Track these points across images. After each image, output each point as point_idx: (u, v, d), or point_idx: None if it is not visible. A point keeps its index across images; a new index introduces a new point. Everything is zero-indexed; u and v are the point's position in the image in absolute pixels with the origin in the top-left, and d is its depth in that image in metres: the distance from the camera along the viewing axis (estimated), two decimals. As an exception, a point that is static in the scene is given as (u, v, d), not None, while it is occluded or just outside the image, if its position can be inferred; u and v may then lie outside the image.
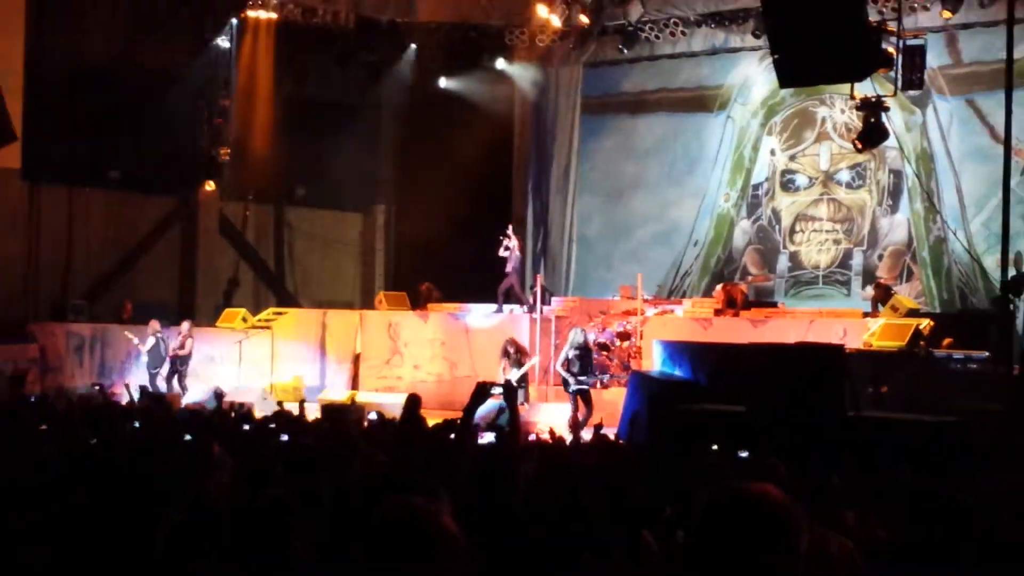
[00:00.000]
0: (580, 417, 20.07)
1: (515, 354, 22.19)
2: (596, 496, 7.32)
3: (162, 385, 24.40)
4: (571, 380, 20.66)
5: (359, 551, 3.54)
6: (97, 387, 22.13)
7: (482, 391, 6.93)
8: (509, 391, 7.56)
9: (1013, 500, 6.66)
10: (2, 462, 7.76)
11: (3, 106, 23.63)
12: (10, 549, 5.15)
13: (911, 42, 20.97)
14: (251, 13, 29.37)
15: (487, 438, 11.38)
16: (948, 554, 5.15)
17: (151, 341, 24.80)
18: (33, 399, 19.14)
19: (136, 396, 19.65)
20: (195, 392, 23.90)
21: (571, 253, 31.05)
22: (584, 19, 29.11)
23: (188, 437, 9.35)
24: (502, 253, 25.45)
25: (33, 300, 27.84)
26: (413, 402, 14.92)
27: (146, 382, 24.10)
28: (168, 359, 24.83)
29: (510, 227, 26.32)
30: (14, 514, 5.47)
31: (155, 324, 24.94)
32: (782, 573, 3.23)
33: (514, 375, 21.85)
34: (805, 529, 3.29)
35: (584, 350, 20.77)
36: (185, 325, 25.11)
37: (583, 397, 20.57)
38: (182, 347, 24.85)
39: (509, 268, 25.41)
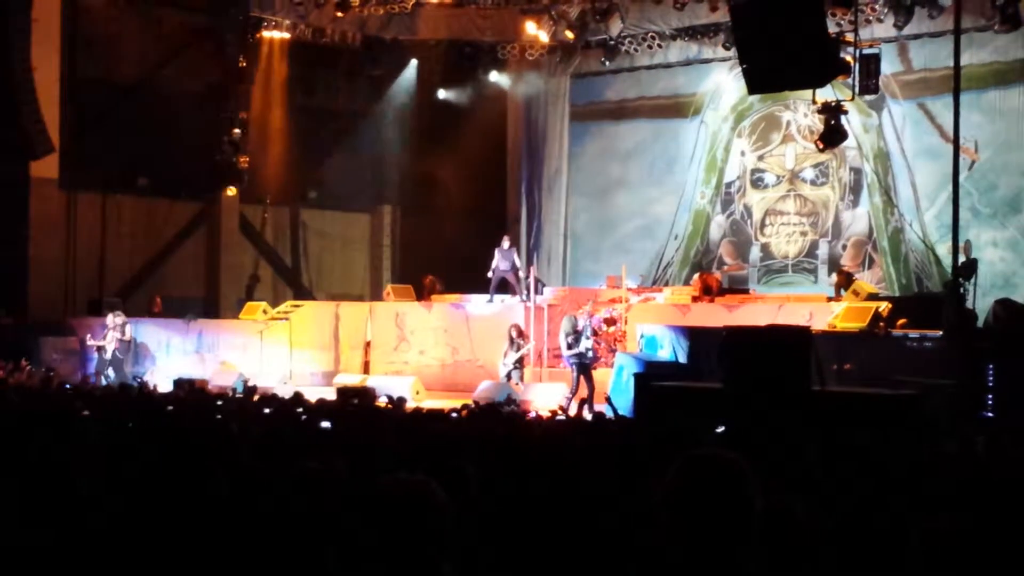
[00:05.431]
0: (584, 395, 20.01)
1: (516, 338, 22.31)
2: (585, 465, 7.43)
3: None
4: (567, 355, 20.76)
5: (364, 522, 3.65)
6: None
7: None
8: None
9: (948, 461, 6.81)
10: (53, 446, 7.84)
11: (41, 120, 23.69)
12: (79, 514, 5.25)
13: (867, 51, 21.11)
14: (266, 34, 29.47)
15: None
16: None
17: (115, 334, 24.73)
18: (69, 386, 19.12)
19: (162, 386, 19.64)
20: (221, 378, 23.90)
21: (566, 248, 31.14)
22: (569, 34, 29.09)
23: (219, 416, 9.48)
24: (497, 257, 25.58)
25: (72, 297, 27.98)
26: None
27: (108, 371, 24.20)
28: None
29: (506, 237, 26.44)
30: (83, 481, 5.56)
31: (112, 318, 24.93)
32: (736, 525, 3.42)
33: (512, 358, 21.99)
34: (758, 491, 3.48)
35: (575, 333, 20.73)
36: (108, 318, 25.07)
37: (584, 375, 20.50)
38: (104, 338, 24.77)
39: (506, 266, 25.49)
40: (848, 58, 20.26)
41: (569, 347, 20.66)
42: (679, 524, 3.44)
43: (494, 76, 31.10)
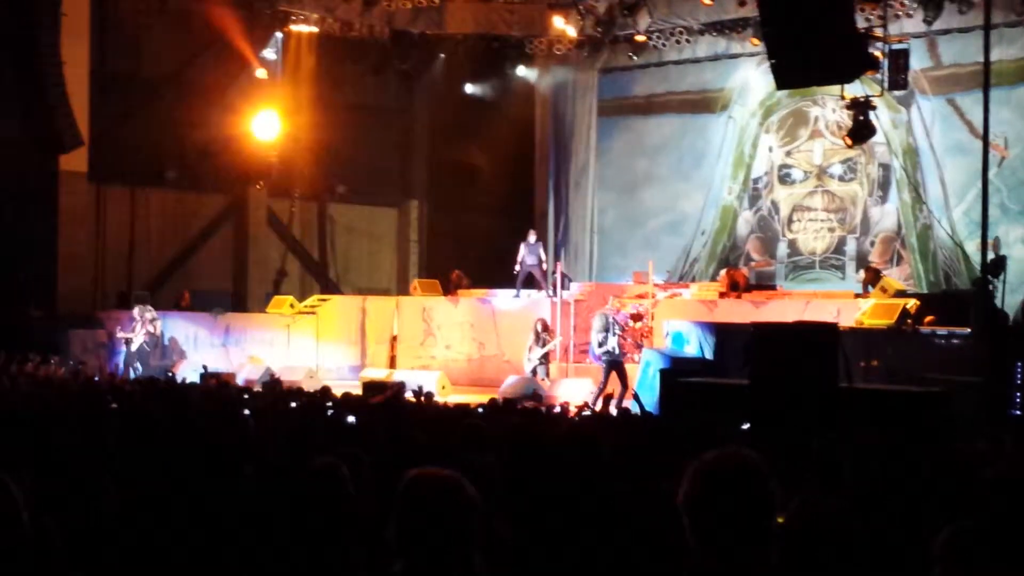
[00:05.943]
0: (615, 393, 19.83)
1: (542, 333, 22.24)
2: (612, 460, 7.41)
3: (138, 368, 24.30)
4: (599, 354, 20.52)
5: (395, 516, 3.65)
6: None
7: None
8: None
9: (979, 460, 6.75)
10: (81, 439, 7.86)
11: (71, 114, 23.75)
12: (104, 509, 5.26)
13: (896, 46, 21.06)
14: (294, 28, 29.52)
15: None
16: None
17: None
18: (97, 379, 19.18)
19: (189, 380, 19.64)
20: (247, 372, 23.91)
21: (593, 243, 31.11)
22: (597, 29, 29.12)
23: (246, 412, 9.50)
24: (523, 252, 25.67)
25: (101, 290, 28.11)
26: None
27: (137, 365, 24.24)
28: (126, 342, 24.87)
29: (532, 231, 26.48)
30: (107, 478, 5.57)
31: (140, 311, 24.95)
32: (758, 524, 3.43)
33: (537, 353, 21.94)
34: (776, 487, 3.50)
35: (606, 331, 20.54)
36: (135, 311, 25.13)
37: (617, 372, 20.24)
38: (133, 331, 24.81)
39: (532, 261, 25.58)
40: (877, 53, 20.18)
41: (600, 344, 20.55)
42: (702, 523, 3.44)
43: (522, 71, 31.11)
